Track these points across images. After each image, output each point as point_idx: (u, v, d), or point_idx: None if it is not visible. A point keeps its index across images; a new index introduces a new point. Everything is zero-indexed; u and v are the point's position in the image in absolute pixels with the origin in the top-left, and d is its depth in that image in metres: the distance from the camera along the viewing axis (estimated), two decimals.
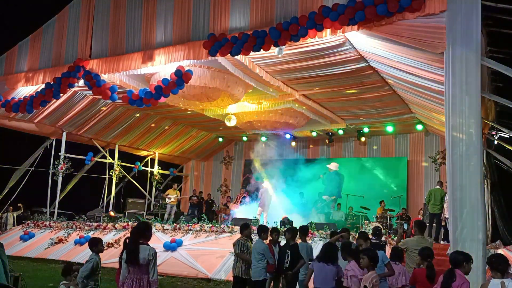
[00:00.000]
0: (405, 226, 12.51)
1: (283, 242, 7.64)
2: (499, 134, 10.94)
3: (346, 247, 5.69)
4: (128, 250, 4.86)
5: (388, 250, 7.77)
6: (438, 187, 11.47)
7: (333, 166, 15.69)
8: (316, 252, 7.29)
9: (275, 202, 15.32)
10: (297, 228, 7.90)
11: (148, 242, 5.00)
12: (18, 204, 16.02)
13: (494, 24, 8.33)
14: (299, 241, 7.57)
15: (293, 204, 15.39)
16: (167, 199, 16.16)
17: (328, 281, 5.55)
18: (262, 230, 7.18)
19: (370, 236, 7.75)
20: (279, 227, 11.01)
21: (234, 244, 7.16)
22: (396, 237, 10.05)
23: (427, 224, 10.70)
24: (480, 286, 4.73)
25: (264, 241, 7.06)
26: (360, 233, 6.85)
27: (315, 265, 5.77)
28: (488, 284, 4.45)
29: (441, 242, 10.76)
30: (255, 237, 7.30)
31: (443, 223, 11.00)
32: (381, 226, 11.42)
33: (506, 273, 4.37)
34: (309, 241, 8.80)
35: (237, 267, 6.96)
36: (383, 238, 8.82)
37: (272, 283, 7.19)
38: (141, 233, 4.95)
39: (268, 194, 14.45)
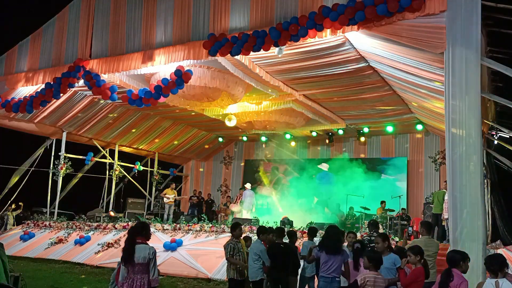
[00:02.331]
0: (410, 230, 12.47)
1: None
2: (499, 134, 10.96)
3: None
4: (123, 249, 4.89)
5: None
6: (444, 190, 11.47)
7: (323, 166, 15.84)
8: None
9: (276, 202, 15.49)
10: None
11: (149, 242, 5.02)
12: (19, 203, 16.00)
13: (494, 24, 8.34)
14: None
15: (294, 204, 15.42)
16: (165, 199, 16.20)
17: (338, 270, 6.02)
18: (261, 231, 7.21)
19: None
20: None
21: (224, 248, 7.02)
22: (400, 239, 10.05)
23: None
24: (476, 286, 4.74)
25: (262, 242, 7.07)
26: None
27: (322, 255, 6.12)
28: (484, 283, 4.48)
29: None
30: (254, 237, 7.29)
31: (443, 223, 11.01)
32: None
33: (502, 272, 4.39)
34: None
35: (231, 269, 6.89)
36: None
37: (268, 283, 7.19)
38: (138, 233, 4.96)
39: (249, 196, 15.23)
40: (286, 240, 7.62)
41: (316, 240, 8.13)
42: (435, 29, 6.92)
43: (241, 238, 7.32)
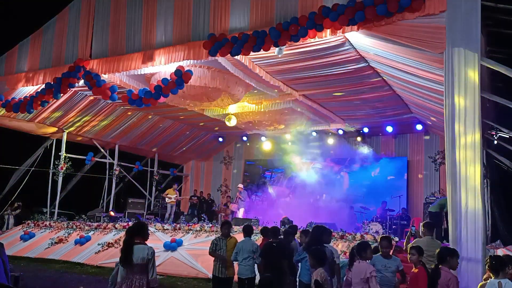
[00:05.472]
0: (413, 229, 12.45)
1: None
2: (499, 134, 10.94)
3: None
4: (121, 250, 4.89)
5: None
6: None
7: (324, 166, 16.01)
8: None
9: (277, 202, 15.64)
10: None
11: (149, 242, 5.00)
12: (18, 203, 16.00)
13: (494, 24, 8.34)
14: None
15: (294, 203, 15.41)
16: (167, 199, 16.20)
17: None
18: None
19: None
20: (279, 227, 11.00)
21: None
22: (400, 238, 10.04)
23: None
24: (478, 286, 4.74)
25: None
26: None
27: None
28: (486, 284, 4.48)
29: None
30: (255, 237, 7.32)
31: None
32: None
33: (504, 272, 4.38)
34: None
35: (213, 266, 7.04)
36: None
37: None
38: (136, 233, 4.94)
39: (246, 195, 16.16)
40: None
41: None
42: (435, 29, 6.92)
43: (233, 236, 7.38)
